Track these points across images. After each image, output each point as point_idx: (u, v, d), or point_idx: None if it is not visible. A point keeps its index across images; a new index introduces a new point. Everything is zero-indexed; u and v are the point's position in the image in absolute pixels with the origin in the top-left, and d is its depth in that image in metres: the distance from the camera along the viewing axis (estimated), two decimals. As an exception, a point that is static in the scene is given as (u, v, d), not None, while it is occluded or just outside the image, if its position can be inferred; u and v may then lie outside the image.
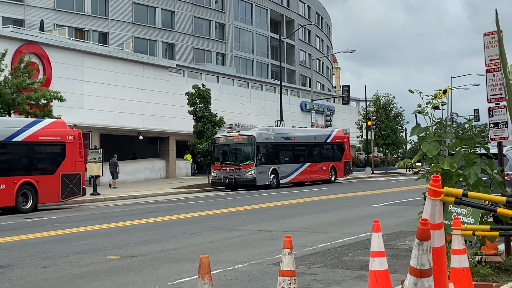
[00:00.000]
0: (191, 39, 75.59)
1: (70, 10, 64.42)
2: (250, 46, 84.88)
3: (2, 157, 27.31)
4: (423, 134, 9.55)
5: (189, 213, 24.47)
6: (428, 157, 9.42)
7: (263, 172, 39.42)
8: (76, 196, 30.13)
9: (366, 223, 18.05)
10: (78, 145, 30.11)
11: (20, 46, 42.41)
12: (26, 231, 19.35)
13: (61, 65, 45.38)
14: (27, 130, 27.95)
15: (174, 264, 12.57)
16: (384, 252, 7.49)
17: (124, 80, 51.28)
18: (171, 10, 73.72)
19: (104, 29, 67.07)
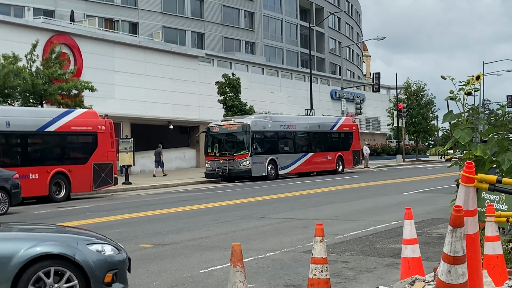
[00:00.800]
0: (220, 28, 75.51)
1: (100, 0, 64.70)
2: (279, 34, 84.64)
3: (36, 147, 27.60)
4: (455, 121, 9.46)
5: (220, 202, 24.55)
6: (461, 144, 9.34)
7: (260, 162, 37.75)
8: (108, 185, 30.36)
9: (398, 211, 17.98)
10: (109, 135, 30.23)
11: (51, 37, 42.73)
12: (59, 220, 19.41)
13: (91, 56, 45.67)
14: (59, 120, 28.10)
15: (206, 252, 12.65)
16: (416, 239, 7.48)
17: (154, 70, 51.48)
18: (200, 1, 73.64)
19: (134, 19, 67.29)
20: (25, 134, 26.96)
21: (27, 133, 27.03)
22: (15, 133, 26.56)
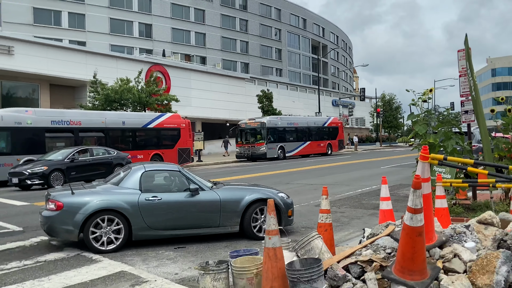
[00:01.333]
0: (259, 60, 75.45)
1: (181, 42, 65.10)
2: (298, 63, 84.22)
3: (141, 137, 27.50)
4: (415, 119, 9.43)
5: (259, 173, 24.51)
6: (419, 134, 9.30)
7: (272, 148, 36.40)
8: (187, 162, 30.17)
9: (377, 179, 17.81)
10: (188, 129, 30.10)
11: (150, 67, 43.18)
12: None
13: (176, 78, 46.04)
14: (156, 120, 28.17)
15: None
16: (389, 197, 7.41)
17: (216, 87, 51.68)
18: (246, 41, 73.67)
19: (203, 54, 67.51)
20: (134, 130, 27.02)
21: (136, 129, 27.09)
22: (128, 129, 26.67)
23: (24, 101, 35.22)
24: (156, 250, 7.97)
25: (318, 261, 4.74)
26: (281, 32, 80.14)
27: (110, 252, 7.78)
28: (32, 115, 22.41)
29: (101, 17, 57.73)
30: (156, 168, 9.02)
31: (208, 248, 8.03)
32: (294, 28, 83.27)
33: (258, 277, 4.98)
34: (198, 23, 67.37)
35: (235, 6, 72.36)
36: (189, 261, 7.25)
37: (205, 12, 68.20)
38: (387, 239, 5.44)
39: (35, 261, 7.33)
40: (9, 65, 33.58)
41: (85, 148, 20.99)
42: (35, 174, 18.46)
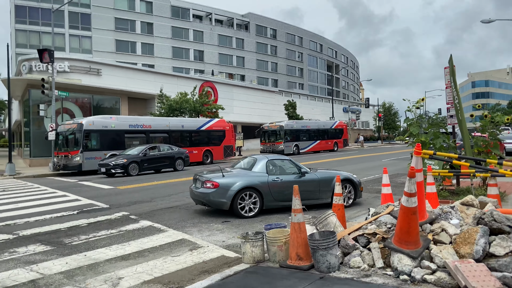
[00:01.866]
0: (285, 77, 75.00)
1: (226, 64, 65.45)
2: (316, 79, 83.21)
3: (196, 137, 27.34)
4: (410, 122, 9.20)
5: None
6: (413, 134, 9.07)
7: (289, 146, 35.37)
8: (231, 156, 29.99)
9: (379, 169, 17.50)
10: (231, 131, 29.90)
11: (202, 83, 43.45)
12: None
13: (222, 92, 46.21)
14: (206, 124, 28.10)
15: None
16: (389, 184, 7.26)
17: (252, 98, 51.61)
18: (275, 62, 73.39)
19: (242, 73, 67.62)
20: (190, 131, 26.95)
21: (192, 130, 27.03)
22: (186, 131, 26.66)
23: (109, 110, 36.09)
24: (208, 223, 8.05)
25: (333, 233, 4.70)
26: (303, 55, 79.45)
27: (251, 218, 8.44)
28: (115, 120, 22.76)
29: (165, 46, 58.63)
30: (275, 158, 9.57)
31: (247, 222, 8.05)
32: (313, 52, 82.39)
33: (286, 245, 4.98)
34: (238, 49, 67.52)
35: (267, 35, 72.18)
36: (233, 232, 7.30)
37: (244, 40, 68.29)
38: (387, 216, 5.34)
39: (118, 230, 7.52)
40: (98, 83, 34.49)
41: (154, 145, 21.15)
42: (117, 165, 18.82)
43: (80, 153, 20.91)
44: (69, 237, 7.08)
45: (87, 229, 7.65)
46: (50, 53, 22.20)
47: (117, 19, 54.48)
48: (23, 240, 6.93)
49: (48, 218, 8.84)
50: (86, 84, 33.16)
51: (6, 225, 8.20)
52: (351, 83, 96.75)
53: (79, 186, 15.39)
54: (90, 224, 8.14)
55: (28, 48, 47.46)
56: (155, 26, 57.57)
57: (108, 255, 5.95)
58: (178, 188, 13.59)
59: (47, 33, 48.68)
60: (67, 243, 6.68)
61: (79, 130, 21.04)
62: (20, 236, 7.22)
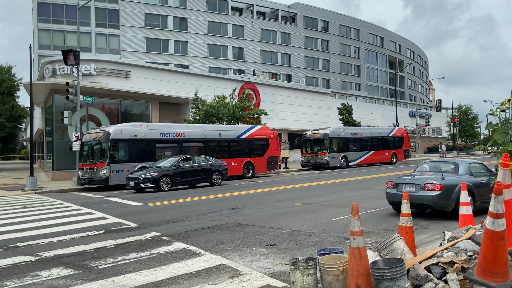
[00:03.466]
0: (339, 76, 74.46)
1: (269, 63, 65.93)
2: (375, 78, 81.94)
3: (235, 147, 27.58)
4: (494, 128, 8.84)
5: (338, 179, 24.06)
6: (497, 143, 8.69)
7: (335, 157, 33.94)
8: (275, 169, 30.06)
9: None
10: (275, 140, 29.97)
11: (242, 85, 43.96)
12: (249, 188, 19.99)
13: (265, 94, 46.51)
14: (247, 132, 28.37)
15: (334, 208, 12.44)
16: (469, 203, 6.99)
17: (300, 101, 51.55)
18: (327, 59, 73.09)
19: (288, 73, 67.87)
20: (229, 140, 27.26)
21: (230, 139, 27.32)
22: (224, 139, 26.98)
23: (138, 117, 37.32)
24: (250, 246, 8.09)
25: (400, 261, 4.58)
26: (360, 50, 78.60)
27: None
28: (145, 128, 23.24)
29: (201, 44, 60.07)
30: (473, 161, 11.53)
31: (296, 246, 8.01)
32: (372, 46, 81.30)
33: (344, 274, 4.90)
34: (284, 45, 67.92)
35: (317, 29, 72.11)
36: (279, 257, 7.28)
37: (290, 35, 68.64)
38: (468, 242, 5.13)
39: (149, 253, 7.72)
40: (127, 86, 35.85)
41: (188, 156, 21.50)
42: (147, 179, 19.26)
43: (107, 165, 21.35)
44: (96, 260, 7.36)
45: (115, 251, 7.92)
46: (76, 54, 23.41)
47: (147, 14, 56.55)
48: (46, 262, 7.28)
49: (72, 238, 9.24)
50: (113, 88, 34.56)
51: (28, 245, 8.65)
52: (418, 82, 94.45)
53: (105, 202, 15.99)
54: (118, 245, 8.42)
55: (51, 50, 50.24)
56: (189, 21, 59.20)
57: (139, 281, 6.12)
58: (216, 206, 13.78)
59: (72, 32, 51.37)
60: (94, 266, 6.94)
61: (105, 140, 21.45)
62: (43, 258, 7.59)
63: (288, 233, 9.18)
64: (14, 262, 7.29)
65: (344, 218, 10.64)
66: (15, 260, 7.45)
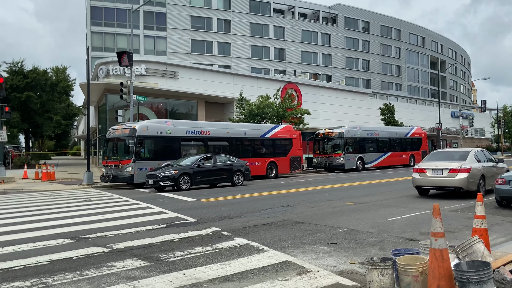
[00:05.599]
0: (379, 76, 73.14)
1: (310, 63, 65.52)
2: (416, 78, 79.97)
3: (259, 146, 26.91)
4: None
5: (377, 180, 23.66)
6: None
7: (350, 159, 31.79)
8: (298, 169, 29.08)
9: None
10: (299, 140, 28.95)
11: (285, 85, 43.89)
12: (298, 186, 19.80)
13: (306, 94, 46.27)
14: (271, 131, 27.53)
15: (387, 208, 12.16)
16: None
17: (341, 101, 51.01)
18: (367, 60, 71.93)
19: (329, 73, 67.25)
20: (253, 139, 26.46)
21: (254, 138, 26.53)
22: (248, 138, 26.21)
23: (185, 115, 37.94)
24: (311, 244, 8.01)
25: (486, 264, 4.40)
26: (401, 50, 76.94)
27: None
28: (171, 125, 22.38)
29: (243, 45, 60.35)
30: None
31: (357, 245, 7.87)
32: (413, 46, 79.39)
33: (423, 275, 4.76)
34: (324, 46, 67.33)
35: (358, 29, 71.07)
36: (343, 256, 7.17)
37: (331, 35, 67.97)
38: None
39: (213, 248, 7.78)
40: (175, 86, 36.50)
41: (209, 155, 20.63)
42: (167, 177, 18.45)
43: (133, 162, 20.34)
44: (164, 252, 7.48)
45: (181, 245, 8.03)
46: (129, 55, 23.97)
47: (192, 17, 57.34)
48: (118, 254, 7.47)
49: (137, 231, 9.45)
50: (162, 88, 35.25)
51: (97, 237, 8.91)
52: (460, 82, 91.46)
53: (160, 197, 16.31)
54: (182, 239, 8.54)
55: (103, 51, 51.76)
56: (232, 23, 59.59)
57: (210, 274, 6.17)
58: (267, 203, 13.79)
59: (122, 35, 52.75)
60: (163, 259, 7.05)
61: (131, 136, 20.53)
62: (114, 249, 7.78)
63: (346, 232, 9.04)
64: (89, 253, 7.52)
65: (400, 218, 10.39)
66: (89, 250, 7.68)
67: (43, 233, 9.36)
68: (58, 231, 9.59)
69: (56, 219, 11.23)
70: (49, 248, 7.92)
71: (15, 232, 9.59)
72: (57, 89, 41.81)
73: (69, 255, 7.40)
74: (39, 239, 8.74)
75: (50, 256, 7.30)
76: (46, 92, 40.84)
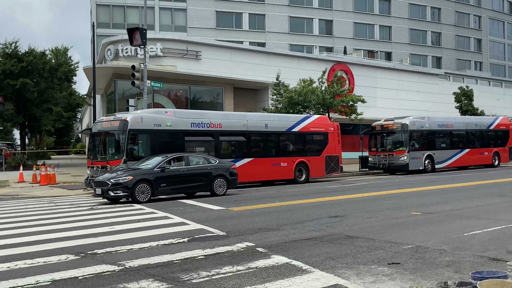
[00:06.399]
0: (454, 53, 71.74)
1: (364, 38, 64.86)
2: (502, 54, 77.93)
3: (285, 142, 26.64)
4: None
5: (451, 184, 23.18)
6: None
7: (417, 158, 31.16)
8: (335, 172, 28.39)
9: None
10: (336, 134, 28.39)
11: (332, 65, 43.56)
12: (349, 192, 19.67)
13: (360, 77, 45.81)
14: (301, 124, 27.14)
15: (464, 220, 11.90)
16: None
17: (404, 85, 50.27)
18: (438, 32, 70.62)
19: (388, 50, 66.49)
20: (277, 134, 26.08)
21: (279, 133, 26.14)
22: (270, 133, 25.85)
23: (209, 105, 38.32)
24: (367, 264, 7.96)
25: None
26: (481, 19, 75.09)
27: None
28: (172, 116, 22.08)
29: (280, 16, 60.35)
30: None
31: (427, 266, 7.76)
32: (498, 14, 77.35)
33: (512, 305, 4.65)
34: (382, 15, 66.50)
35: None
36: (408, 279, 7.08)
37: (390, 2, 67.06)
38: None
39: (246, 267, 7.83)
40: (197, 70, 36.88)
41: (180, 155, 19.43)
42: (118, 185, 17.09)
43: (123, 163, 19.76)
44: (186, 272, 7.60)
45: (206, 263, 8.13)
46: (142, 32, 24.41)
47: (218, -16, 57.76)
48: (131, 273, 7.64)
49: (154, 245, 9.64)
50: (182, 72, 35.70)
51: (107, 252, 9.14)
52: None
53: (181, 205, 16.58)
54: (208, 256, 8.64)
55: (111, 28, 52.96)
56: (265, -11, 59.70)
57: (242, 300, 6.23)
58: (312, 213, 13.79)
59: (133, 7, 53.78)
60: (186, 280, 7.17)
61: (122, 130, 20.04)
62: (127, 268, 7.97)
63: (412, 249, 8.93)
64: (97, 272, 7.72)
65: (481, 232, 10.17)
66: (97, 269, 7.88)
67: (43, 247, 9.67)
68: (61, 245, 9.89)
69: (58, 231, 11.57)
70: (51, 266, 8.17)
71: (11, 246, 9.94)
72: (57, 74, 43.01)
73: (74, 274, 7.61)
74: (39, 254, 9.03)
75: (52, 275, 7.53)
76: (45, 79, 42.09)
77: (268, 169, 25.29)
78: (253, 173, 24.53)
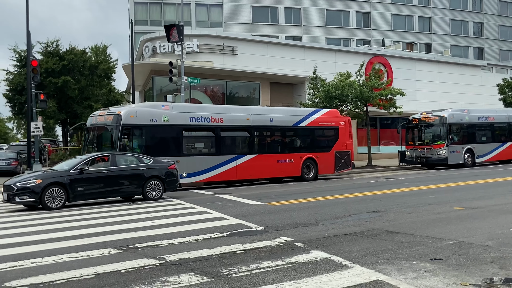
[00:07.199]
0: (497, 43, 69.97)
1: (403, 30, 63.84)
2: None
3: (292, 138, 26.02)
4: None
5: (494, 178, 22.59)
6: None
7: (456, 151, 30.61)
8: (346, 169, 27.58)
9: None
10: (348, 129, 27.68)
11: (370, 58, 43.10)
12: (388, 187, 19.53)
13: (398, 70, 45.16)
14: (309, 117, 26.34)
15: (509, 215, 11.64)
16: None
17: (444, 77, 49.30)
18: (480, 22, 68.92)
19: (428, 41, 65.32)
20: (283, 129, 25.37)
21: (285, 127, 25.39)
22: (276, 128, 25.08)
23: (245, 100, 38.42)
24: (408, 260, 7.86)
25: None
26: (525, 9, 72.92)
27: None
28: (169, 110, 21.34)
29: (316, 10, 59.99)
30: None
31: (471, 262, 7.61)
32: (543, 1, 74.91)
33: (561, 303, 4.51)
34: (422, 6, 65.35)
35: (467, -17, 68.34)
36: (452, 275, 6.96)
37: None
38: None
39: (285, 262, 7.83)
40: (233, 65, 37.01)
41: (105, 154, 17.59)
42: (25, 189, 15.25)
43: None
44: (226, 266, 7.66)
45: (245, 258, 8.18)
46: (179, 29, 24.68)
47: (254, -23, 57.79)
48: (172, 267, 7.75)
49: (193, 240, 9.76)
50: (218, 67, 35.90)
51: (148, 247, 9.29)
52: None
53: (219, 200, 16.78)
54: (247, 251, 8.69)
55: (148, 25, 53.63)
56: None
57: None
58: (351, 208, 13.73)
59: (170, 4, 54.31)
60: (226, 274, 7.22)
61: (115, 125, 19.42)
62: (168, 261, 8.09)
63: (455, 244, 8.78)
64: (139, 265, 7.86)
65: (528, 228, 9.93)
66: (139, 263, 8.02)
67: (86, 241, 9.91)
68: (103, 239, 10.12)
69: (100, 225, 11.85)
70: (94, 259, 8.37)
71: (55, 240, 10.23)
72: (97, 72, 43.90)
73: (116, 267, 7.78)
74: (82, 248, 9.26)
75: (95, 269, 7.71)
76: (85, 76, 43.01)
77: (273, 166, 24.48)
78: (257, 170, 23.95)
